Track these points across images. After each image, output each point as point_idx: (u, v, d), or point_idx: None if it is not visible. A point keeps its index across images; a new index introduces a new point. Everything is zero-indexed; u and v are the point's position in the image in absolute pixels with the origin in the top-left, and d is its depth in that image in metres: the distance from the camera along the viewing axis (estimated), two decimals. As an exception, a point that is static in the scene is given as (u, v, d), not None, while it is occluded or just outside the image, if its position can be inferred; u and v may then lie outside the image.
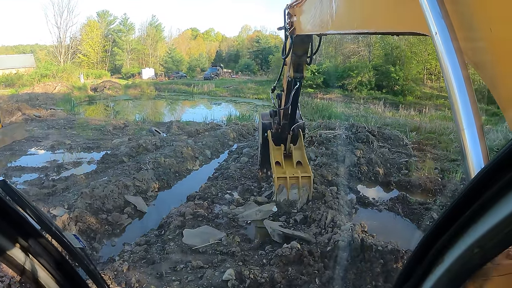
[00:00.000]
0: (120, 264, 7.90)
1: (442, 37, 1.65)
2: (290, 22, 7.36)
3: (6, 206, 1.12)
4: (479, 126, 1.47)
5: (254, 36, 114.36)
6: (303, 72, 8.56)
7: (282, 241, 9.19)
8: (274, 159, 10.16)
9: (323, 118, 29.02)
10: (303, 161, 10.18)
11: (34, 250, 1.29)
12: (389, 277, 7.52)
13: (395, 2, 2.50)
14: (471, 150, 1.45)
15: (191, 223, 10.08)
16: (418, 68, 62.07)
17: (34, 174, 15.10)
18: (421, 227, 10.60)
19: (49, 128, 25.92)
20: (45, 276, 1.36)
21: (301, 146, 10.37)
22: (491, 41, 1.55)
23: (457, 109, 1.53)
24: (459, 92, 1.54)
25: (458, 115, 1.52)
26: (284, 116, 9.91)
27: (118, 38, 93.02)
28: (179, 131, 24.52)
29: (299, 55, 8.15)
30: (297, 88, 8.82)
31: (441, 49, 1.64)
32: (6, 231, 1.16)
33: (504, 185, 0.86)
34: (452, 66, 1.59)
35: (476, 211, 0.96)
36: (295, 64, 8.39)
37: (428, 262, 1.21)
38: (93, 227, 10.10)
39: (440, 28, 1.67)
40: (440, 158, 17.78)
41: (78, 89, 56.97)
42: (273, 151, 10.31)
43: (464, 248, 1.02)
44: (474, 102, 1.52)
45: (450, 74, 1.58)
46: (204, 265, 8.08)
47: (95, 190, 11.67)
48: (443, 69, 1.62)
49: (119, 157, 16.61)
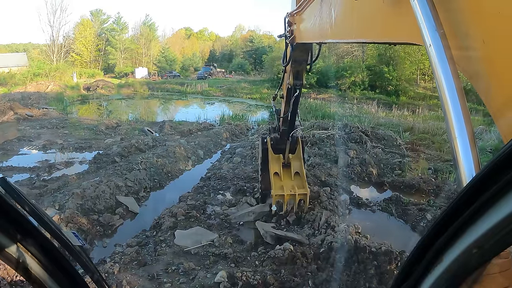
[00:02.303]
0: (111, 266, 7.81)
1: (435, 48, 1.67)
2: (290, 30, 7.33)
3: (6, 204, 1.12)
4: (471, 135, 1.49)
5: (247, 36, 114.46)
6: (303, 79, 8.57)
7: (274, 242, 9.13)
8: (272, 170, 10.16)
9: (316, 118, 29.00)
10: (301, 172, 10.18)
11: (33, 247, 1.28)
12: (383, 279, 7.48)
13: (392, 13, 2.50)
14: (463, 158, 1.47)
15: (183, 224, 10.01)
16: (412, 68, 62.40)
17: (26, 174, 14.97)
18: (415, 228, 10.58)
19: (41, 127, 25.70)
20: (44, 274, 1.35)
21: (299, 156, 10.36)
22: (483, 53, 1.58)
23: (450, 118, 1.54)
24: (451, 101, 1.56)
25: (451, 123, 1.53)
26: (283, 122, 9.90)
27: (112, 37, 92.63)
28: (172, 131, 24.50)
29: (299, 62, 8.13)
30: (297, 95, 8.81)
31: (434, 59, 1.65)
32: (6, 229, 1.15)
33: (503, 186, 0.86)
34: (445, 76, 1.61)
35: (475, 211, 0.96)
36: (294, 71, 8.38)
37: (427, 262, 1.21)
38: (84, 228, 9.98)
39: (434, 40, 1.69)
40: (433, 159, 17.81)
41: (71, 88, 56.66)
42: (272, 161, 10.30)
43: (463, 248, 1.03)
44: (466, 112, 1.53)
45: (443, 83, 1.60)
46: (196, 267, 8.00)
47: (87, 190, 11.55)
48: (437, 79, 1.64)
49: (111, 157, 16.51)
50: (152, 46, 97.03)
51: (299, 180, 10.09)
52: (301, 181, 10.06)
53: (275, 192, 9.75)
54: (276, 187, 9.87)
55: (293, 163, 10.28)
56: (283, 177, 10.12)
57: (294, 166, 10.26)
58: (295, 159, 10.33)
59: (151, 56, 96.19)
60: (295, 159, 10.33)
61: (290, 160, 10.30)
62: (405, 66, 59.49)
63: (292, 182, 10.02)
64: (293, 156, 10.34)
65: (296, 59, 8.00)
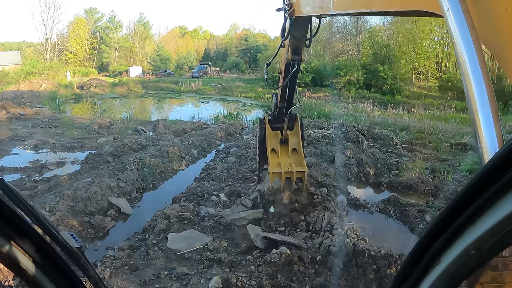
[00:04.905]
0: (102, 271, 7.58)
1: (454, 13, 1.53)
2: (289, 3, 7.16)
3: (3, 204, 1.10)
4: (494, 108, 1.39)
5: (242, 34, 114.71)
6: (302, 54, 8.38)
7: (265, 246, 8.91)
8: (270, 147, 9.96)
9: (311, 117, 28.89)
10: (299, 148, 9.99)
11: (31, 249, 1.25)
12: (383, 283, 7.28)
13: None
14: (485, 133, 1.37)
15: (176, 226, 9.76)
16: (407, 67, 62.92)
17: (16, 174, 14.69)
18: (414, 230, 10.41)
19: (33, 126, 25.48)
20: (41, 275, 1.32)
21: (297, 132, 10.16)
22: (507, 21, 1.48)
23: (471, 90, 1.43)
24: (472, 72, 1.44)
25: (472, 96, 1.42)
26: (281, 99, 9.71)
27: (106, 36, 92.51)
28: (165, 130, 24.33)
29: (298, 37, 7.95)
30: (295, 70, 8.62)
31: (453, 26, 1.53)
32: (3, 230, 1.14)
33: (501, 187, 0.87)
34: (465, 45, 1.48)
35: (473, 212, 0.97)
36: (293, 46, 8.21)
37: (426, 263, 1.21)
38: (75, 231, 9.74)
39: (452, 4, 1.55)
40: (430, 158, 17.74)
41: (65, 87, 56.34)
42: (269, 138, 10.10)
43: (461, 250, 1.04)
44: (489, 83, 1.41)
45: (463, 53, 1.48)
46: (189, 271, 7.75)
47: (78, 191, 11.31)
48: (456, 48, 1.53)
49: (103, 157, 16.28)
50: (147, 44, 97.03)
51: (297, 157, 9.92)
52: (298, 159, 9.89)
53: (272, 169, 9.54)
54: (273, 164, 9.68)
55: (290, 139, 10.08)
56: (281, 154, 9.92)
57: (292, 142, 10.05)
58: (293, 135, 10.12)
59: (146, 55, 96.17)
60: (293, 135, 10.12)
61: (288, 136, 10.12)
62: (400, 65, 60.01)
63: (289, 159, 9.83)
64: (291, 133, 10.14)
65: (295, 34, 7.82)
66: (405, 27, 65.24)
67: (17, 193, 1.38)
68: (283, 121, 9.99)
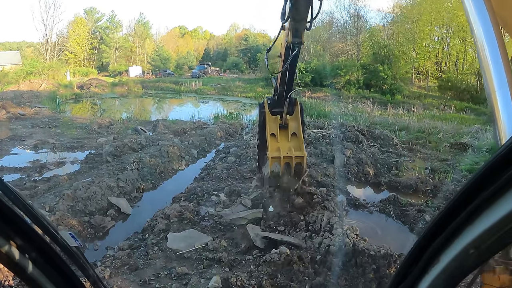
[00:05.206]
0: (102, 271, 7.58)
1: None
2: None
3: (3, 204, 1.10)
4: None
5: (242, 34, 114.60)
6: (302, 37, 8.36)
7: (264, 246, 8.91)
8: (269, 131, 9.96)
9: (311, 117, 28.86)
10: (298, 133, 9.99)
11: (30, 249, 1.25)
12: (382, 283, 7.28)
13: None
14: (503, 113, 1.34)
15: (176, 226, 9.76)
16: (406, 67, 62.88)
17: (16, 174, 14.67)
18: (413, 230, 10.41)
19: (33, 126, 25.43)
20: (40, 275, 1.32)
21: (297, 117, 10.14)
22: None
23: (487, 69, 1.40)
24: (490, 50, 1.40)
25: (489, 75, 1.39)
26: (281, 83, 9.71)
27: (106, 36, 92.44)
28: (165, 130, 24.28)
29: (298, 19, 7.93)
30: (296, 53, 8.61)
31: (469, 5, 1.50)
32: (2, 230, 1.13)
33: (500, 186, 0.87)
34: (483, 25, 1.45)
35: (472, 212, 0.97)
36: (293, 29, 8.19)
37: (424, 262, 1.22)
38: (75, 230, 9.74)
39: None
40: (430, 158, 17.75)
41: (64, 87, 56.23)
42: (269, 122, 10.09)
43: (460, 249, 1.04)
44: (507, 62, 1.38)
45: (480, 32, 1.45)
46: (189, 271, 7.75)
47: (78, 191, 11.29)
48: (472, 27, 1.50)
49: (103, 157, 16.27)
50: (146, 44, 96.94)
51: (296, 142, 9.92)
52: (298, 144, 9.88)
53: (272, 154, 9.56)
54: (272, 148, 9.69)
55: (290, 124, 10.09)
56: (280, 139, 9.93)
57: (292, 126, 10.07)
58: (293, 120, 10.13)
59: (145, 55, 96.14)
60: (292, 120, 10.12)
61: (287, 121, 10.11)
62: (400, 65, 59.93)
63: (289, 144, 9.84)
64: (291, 117, 10.14)
65: (295, 16, 7.81)
66: (405, 27, 65.34)
67: (16, 193, 1.36)
68: (282, 105, 9.97)
